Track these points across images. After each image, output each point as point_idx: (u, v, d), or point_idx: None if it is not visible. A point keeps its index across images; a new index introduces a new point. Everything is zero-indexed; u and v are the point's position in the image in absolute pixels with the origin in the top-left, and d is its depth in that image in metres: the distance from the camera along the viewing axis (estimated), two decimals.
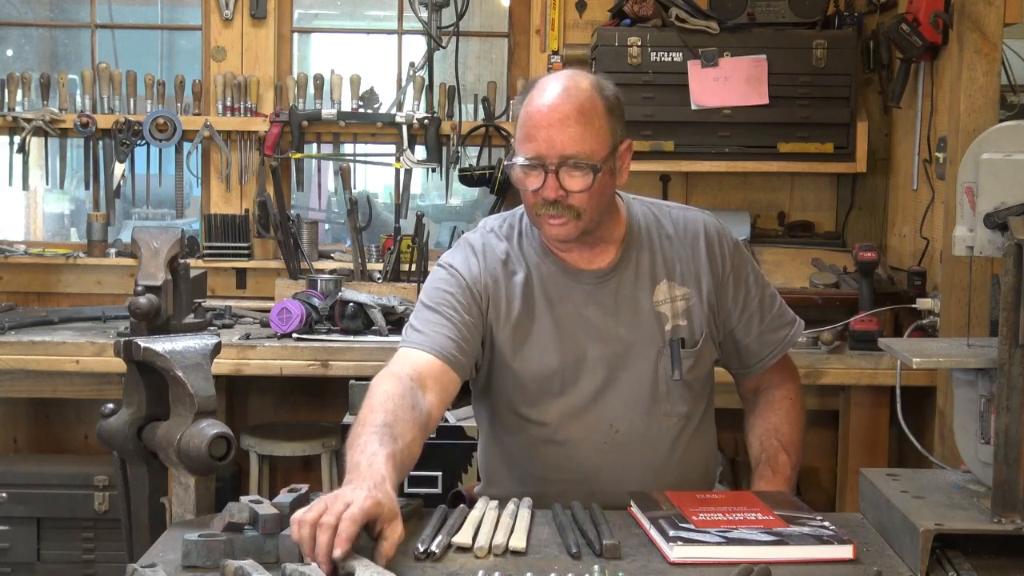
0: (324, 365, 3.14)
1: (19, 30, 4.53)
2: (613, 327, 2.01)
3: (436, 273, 2.05)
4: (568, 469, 2.01)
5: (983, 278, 2.68)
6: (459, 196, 4.39)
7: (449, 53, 3.91)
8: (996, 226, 1.63)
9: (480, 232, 2.09)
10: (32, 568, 3.47)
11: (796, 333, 2.16)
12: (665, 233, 2.07)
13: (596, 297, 2.01)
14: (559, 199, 1.90)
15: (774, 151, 3.62)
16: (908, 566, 1.59)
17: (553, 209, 1.91)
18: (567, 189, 1.89)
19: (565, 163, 1.88)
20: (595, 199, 1.92)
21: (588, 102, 1.90)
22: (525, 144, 1.91)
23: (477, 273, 2.02)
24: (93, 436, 2.78)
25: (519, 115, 1.95)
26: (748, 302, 2.09)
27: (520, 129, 1.93)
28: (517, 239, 2.06)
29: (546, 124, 1.88)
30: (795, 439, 2.13)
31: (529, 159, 1.90)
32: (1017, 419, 1.55)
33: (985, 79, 2.88)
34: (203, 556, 1.53)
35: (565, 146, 1.87)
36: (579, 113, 1.88)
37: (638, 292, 2.02)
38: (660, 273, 2.03)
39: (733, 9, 3.59)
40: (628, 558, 1.61)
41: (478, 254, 2.04)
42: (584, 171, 1.88)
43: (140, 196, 4.03)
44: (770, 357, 2.13)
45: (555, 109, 1.88)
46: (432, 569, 1.57)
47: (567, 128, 1.87)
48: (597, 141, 1.90)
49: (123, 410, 1.80)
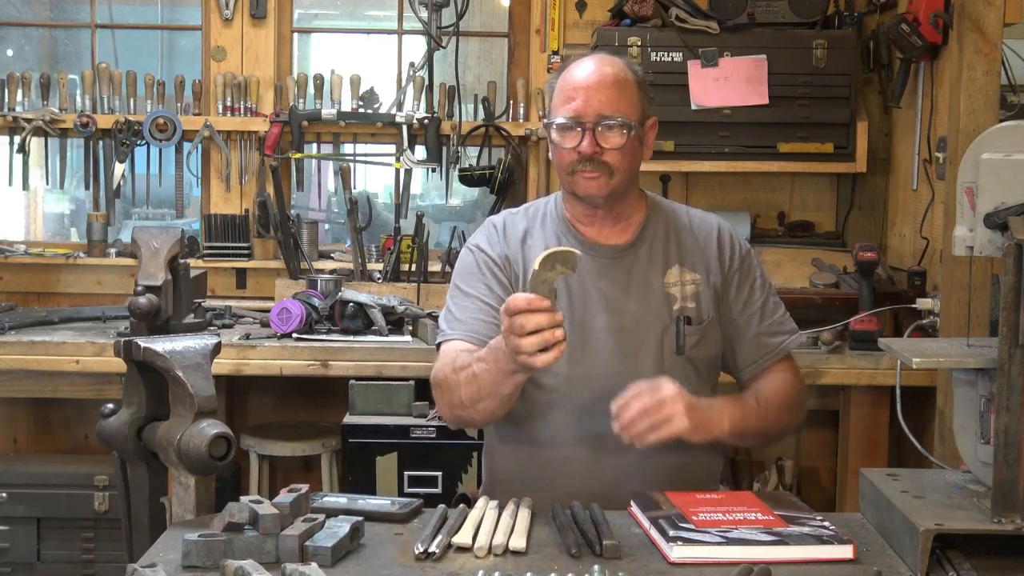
0: (324, 365, 3.14)
1: (19, 30, 4.53)
2: (623, 301, 2.09)
3: (465, 256, 2.18)
4: (574, 434, 2.05)
5: (983, 278, 2.68)
6: (459, 196, 4.39)
7: (449, 53, 3.91)
8: (996, 226, 1.63)
9: (504, 214, 2.23)
10: (32, 568, 3.47)
11: (793, 342, 2.19)
12: (682, 226, 2.18)
13: (610, 272, 2.11)
14: (595, 155, 2.03)
15: (774, 151, 3.62)
16: (908, 566, 1.60)
17: (589, 164, 2.04)
18: (603, 146, 2.03)
19: (602, 122, 2.02)
20: (627, 159, 2.05)
21: (622, 72, 2.07)
22: (564, 106, 2.05)
23: (501, 249, 2.14)
24: (93, 436, 2.78)
25: (555, 87, 2.10)
26: (750, 302, 2.16)
27: (558, 95, 2.08)
28: (541, 219, 2.18)
29: (584, 86, 2.04)
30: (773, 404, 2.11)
31: (568, 118, 2.04)
32: (1017, 419, 1.55)
33: (985, 79, 2.88)
34: (203, 556, 1.53)
35: (603, 106, 2.02)
36: (615, 79, 2.05)
37: (650, 273, 2.11)
38: (673, 258, 2.13)
39: (733, 9, 3.60)
40: (628, 558, 1.61)
41: (499, 231, 2.17)
42: (620, 130, 2.03)
43: (140, 196, 4.03)
44: (763, 360, 2.16)
45: (593, 73, 2.05)
46: (432, 569, 1.57)
47: (604, 90, 2.03)
48: (630, 106, 2.05)
49: (123, 410, 1.80)
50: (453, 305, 2.12)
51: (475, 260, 2.14)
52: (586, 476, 2.03)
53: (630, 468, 2.02)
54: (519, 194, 3.85)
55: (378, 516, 1.77)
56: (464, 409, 1.99)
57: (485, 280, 2.11)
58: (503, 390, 1.91)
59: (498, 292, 2.09)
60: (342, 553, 1.59)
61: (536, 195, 3.79)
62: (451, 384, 1.98)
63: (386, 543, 1.67)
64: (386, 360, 3.18)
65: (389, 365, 3.18)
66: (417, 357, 3.17)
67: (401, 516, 1.77)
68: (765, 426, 2.09)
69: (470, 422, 2.17)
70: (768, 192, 3.94)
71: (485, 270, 2.12)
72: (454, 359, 2.01)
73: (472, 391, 1.94)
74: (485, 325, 2.06)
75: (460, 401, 1.98)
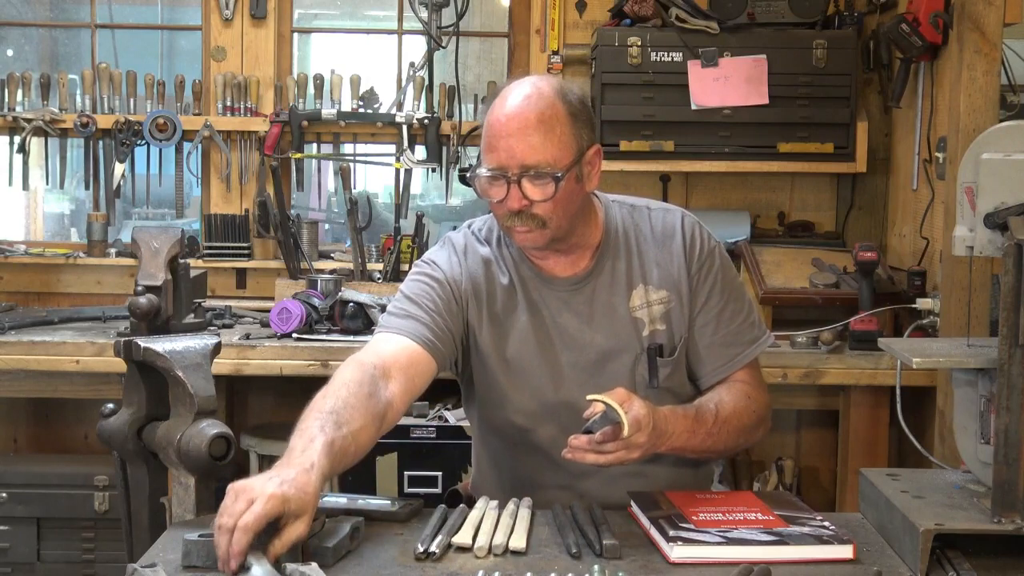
0: (324, 365, 3.14)
1: (19, 30, 4.53)
2: (588, 334, 1.99)
3: (418, 268, 2.05)
4: (552, 474, 2.00)
5: (983, 278, 2.68)
6: (459, 196, 4.39)
7: (449, 53, 3.91)
8: (996, 226, 1.63)
9: (463, 233, 2.09)
10: (32, 568, 3.47)
11: (750, 354, 2.03)
12: (643, 236, 2.04)
13: (571, 304, 2.00)
14: (523, 209, 1.88)
15: (774, 151, 3.62)
16: (908, 566, 1.60)
17: (519, 219, 1.89)
18: (530, 199, 1.87)
19: (526, 173, 1.86)
20: (560, 207, 1.89)
21: (549, 109, 1.87)
22: (488, 155, 1.89)
23: (459, 273, 2.01)
24: (93, 436, 2.78)
25: (484, 124, 1.93)
26: (707, 308, 2.02)
27: (484, 139, 1.92)
28: (497, 244, 2.05)
29: (506, 134, 1.86)
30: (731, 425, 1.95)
31: (491, 169, 1.88)
32: (1017, 419, 1.55)
33: (985, 79, 2.88)
34: (203, 556, 1.53)
35: (525, 156, 1.85)
36: (539, 122, 1.86)
37: (614, 298, 2.00)
38: (636, 278, 2.01)
39: (733, 9, 3.59)
40: (628, 558, 1.61)
41: (459, 254, 2.04)
42: (546, 180, 1.86)
43: (140, 196, 4.03)
44: (718, 371, 2.03)
45: (514, 118, 1.86)
46: (432, 569, 1.57)
47: (527, 137, 1.85)
48: (559, 149, 1.87)
49: (123, 410, 1.80)
50: (393, 307, 1.99)
51: (427, 272, 2.01)
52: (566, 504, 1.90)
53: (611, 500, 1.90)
54: None
55: (378, 516, 1.77)
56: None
57: (432, 291, 1.98)
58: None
59: (440, 306, 1.96)
60: (342, 553, 1.59)
61: None
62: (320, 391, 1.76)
63: (386, 543, 1.67)
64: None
65: None
66: None
67: (401, 516, 1.77)
68: (712, 445, 1.93)
69: None
70: (768, 192, 3.94)
71: (435, 283, 1.99)
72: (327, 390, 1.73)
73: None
74: (421, 327, 1.92)
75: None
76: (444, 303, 1.97)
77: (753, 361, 2.05)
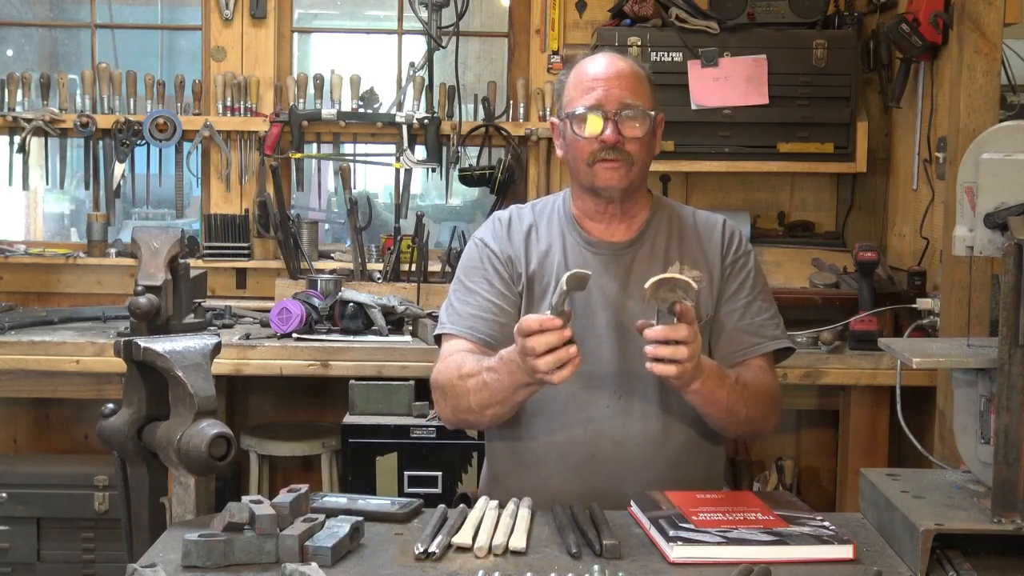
0: (324, 365, 3.14)
1: (19, 30, 4.53)
2: (623, 298, 2.09)
3: (469, 250, 2.19)
4: (571, 428, 2.05)
5: (983, 278, 2.68)
6: (459, 196, 4.39)
7: (449, 53, 3.91)
8: (996, 226, 1.64)
9: (511, 209, 2.24)
10: (32, 568, 3.47)
11: (770, 346, 2.12)
12: (686, 225, 2.18)
13: (611, 268, 2.11)
14: (617, 143, 2.04)
15: (774, 151, 3.62)
16: (908, 566, 1.60)
17: (612, 153, 2.05)
18: (624, 135, 2.04)
19: (624, 110, 2.04)
20: (645, 149, 2.08)
21: (637, 66, 2.12)
22: (583, 97, 2.06)
23: (506, 245, 2.15)
24: (93, 436, 2.78)
25: (565, 83, 2.12)
26: (735, 297, 2.14)
27: (574, 88, 2.09)
28: (547, 216, 2.19)
29: (604, 77, 2.06)
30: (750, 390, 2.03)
31: (589, 107, 2.04)
32: (1017, 419, 1.55)
33: (985, 79, 2.88)
34: (203, 556, 1.53)
35: (624, 95, 2.05)
36: (632, 72, 2.08)
37: (651, 270, 2.09)
38: (674, 255, 2.13)
39: (733, 9, 3.60)
40: (628, 558, 1.61)
41: (505, 226, 2.18)
42: (641, 118, 2.05)
43: (140, 196, 4.03)
44: (737, 354, 2.10)
45: (611, 67, 2.08)
46: (432, 569, 1.57)
47: (624, 79, 2.06)
48: (647, 97, 2.09)
49: (123, 410, 1.80)
50: (455, 298, 2.14)
51: (479, 255, 2.16)
52: (582, 472, 2.03)
53: (627, 463, 2.03)
54: (519, 194, 3.85)
55: (378, 516, 1.77)
56: (471, 414, 2.02)
57: (487, 275, 2.13)
58: (515, 398, 1.96)
59: (499, 288, 2.11)
60: (342, 553, 1.59)
61: (536, 195, 3.79)
62: (457, 390, 2.00)
63: (386, 543, 1.67)
64: (386, 360, 3.18)
65: (389, 365, 3.18)
66: (417, 357, 3.17)
67: (401, 516, 1.78)
68: (734, 404, 1.99)
69: (475, 425, 2.17)
70: (768, 192, 3.94)
71: (488, 265, 2.14)
72: (459, 364, 2.02)
73: (482, 398, 1.97)
74: (485, 323, 2.08)
75: (468, 406, 2.00)
76: (499, 280, 2.12)
77: (769, 357, 2.14)
